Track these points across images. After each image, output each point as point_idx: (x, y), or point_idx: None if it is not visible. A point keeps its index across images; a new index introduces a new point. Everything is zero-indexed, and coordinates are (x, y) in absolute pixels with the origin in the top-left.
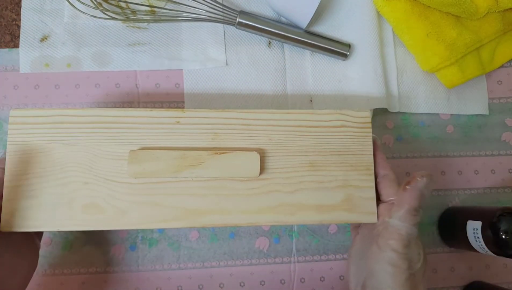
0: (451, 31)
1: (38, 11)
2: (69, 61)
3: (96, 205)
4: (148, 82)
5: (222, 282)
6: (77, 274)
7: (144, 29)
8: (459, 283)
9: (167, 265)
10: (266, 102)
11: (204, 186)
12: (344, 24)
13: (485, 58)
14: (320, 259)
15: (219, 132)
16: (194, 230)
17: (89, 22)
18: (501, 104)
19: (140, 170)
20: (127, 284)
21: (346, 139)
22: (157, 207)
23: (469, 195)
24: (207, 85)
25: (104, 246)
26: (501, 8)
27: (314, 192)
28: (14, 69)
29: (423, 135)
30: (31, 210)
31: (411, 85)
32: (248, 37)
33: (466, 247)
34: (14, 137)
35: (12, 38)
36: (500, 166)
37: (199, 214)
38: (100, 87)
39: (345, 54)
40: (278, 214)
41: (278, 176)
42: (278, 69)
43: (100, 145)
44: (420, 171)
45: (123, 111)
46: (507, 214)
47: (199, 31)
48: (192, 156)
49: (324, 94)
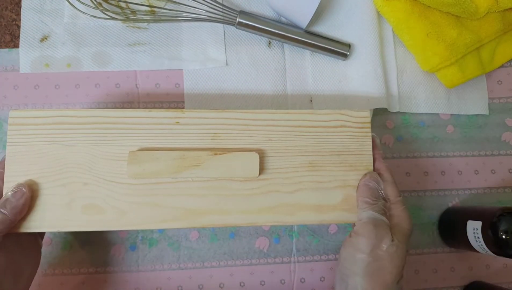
0: (451, 31)
1: (38, 11)
2: (69, 61)
3: (96, 206)
4: (148, 82)
5: (222, 282)
6: (77, 274)
7: (144, 29)
8: (459, 283)
9: (167, 265)
10: (266, 102)
11: (203, 186)
12: (344, 24)
13: (485, 58)
14: (320, 259)
15: (219, 132)
16: (194, 230)
17: (89, 22)
18: (501, 104)
19: (140, 171)
20: (127, 284)
21: (346, 139)
22: (156, 207)
23: (469, 195)
24: (207, 85)
25: (104, 246)
26: (501, 8)
27: (313, 192)
28: (14, 69)
29: (423, 135)
30: (31, 210)
31: (411, 85)
32: (248, 37)
33: (466, 247)
34: (14, 138)
35: (12, 38)
36: (500, 166)
37: (199, 215)
38: (100, 87)
39: (345, 54)
40: (278, 214)
41: (278, 176)
42: (278, 69)
43: (100, 146)
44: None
45: (123, 111)
46: (507, 214)
47: (199, 31)
48: (191, 156)
49: (324, 94)
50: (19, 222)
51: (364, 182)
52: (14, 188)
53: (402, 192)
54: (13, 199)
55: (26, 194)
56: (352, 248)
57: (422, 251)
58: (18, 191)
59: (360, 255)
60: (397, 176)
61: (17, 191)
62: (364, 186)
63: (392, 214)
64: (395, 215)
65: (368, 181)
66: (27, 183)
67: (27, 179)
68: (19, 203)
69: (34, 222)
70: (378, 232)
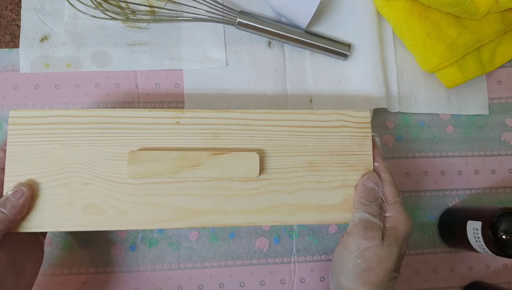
0: (451, 31)
1: (38, 11)
2: (69, 61)
3: (96, 206)
4: (148, 82)
5: (222, 282)
6: (77, 274)
7: (144, 29)
8: (459, 283)
9: (167, 265)
10: (266, 102)
11: (203, 186)
12: (344, 24)
13: (485, 58)
14: (320, 259)
15: (219, 132)
16: (194, 230)
17: (89, 22)
18: (501, 104)
19: (140, 171)
20: (127, 284)
21: (346, 139)
22: (156, 207)
23: (469, 195)
24: (207, 85)
25: (104, 246)
26: (501, 8)
27: (313, 192)
28: (14, 69)
29: (423, 135)
30: (31, 210)
31: (411, 85)
32: (248, 37)
33: (466, 247)
34: (14, 138)
35: (12, 38)
36: (500, 166)
37: (199, 215)
38: (100, 87)
39: (345, 54)
40: (278, 214)
41: (278, 176)
42: (278, 69)
43: (100, 146)
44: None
45: (123, 111)
46: (507, 214)
47: (199, 31)
48: (191, 156)
49: (324, 94)
50: (19, 222)
51: (362, 182)
52: (15, 188)
53: (402, 192)
54: (13, 198)
55: (26, 193)
56: (342, 248)
57: (422, 251)
58: (18, 191)
59: (348, 255)
60: (397, 176)
61: (17, 191)
62: (361, 186)
63: (389, 215)
64: (392, 216)
65: (366, 182)
66: (27, 183)
67: (27, 179)
68: (19, 202)
69: (34, 222)
70: (367, 233)
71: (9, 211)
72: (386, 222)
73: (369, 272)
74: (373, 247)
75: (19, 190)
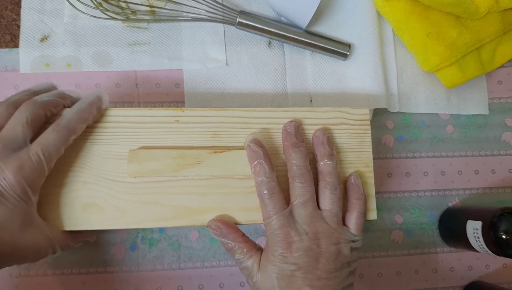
0: (451, 31)
1: (38, 11)
2: (69, 61)
3: (96, 205)
4: (148, 82)
5: (222, 282)
6: (77, 274)
7: (144, 29)
8: (459, 283)
9: (167, 265)
10: (266, 102)
11: (203, 184)
12: (344, 24)
13: (485, 58)
14: None
15: (218, 130)
16: (194, 230)
17: (89, 22)
18: (501, 104)
19: (140, 169)
20: (127, 284)
21: (345, 137)
22: (157, 206)
23: (469, 195)
24: (207, 85)
25: (104, 246)
26: (501, 8)
27: None
28: (14, 69)
29: (423, 135)
30: None
31: (411, 85)
32: (248, 37)
33: (466, 247)
34: None
35: (12, 38)
36: (500, 166)
37: (199, 213)
38: (100, 87)
39: (345, 54)
40: None
41: (278, 174)
42: (278, 69)
43: (100, 145)
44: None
45: (122, 110)
46: (507, 214)
47: (199, 31)
48: (191, 155)
49: (324, 94)
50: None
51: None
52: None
53: (402, 192)
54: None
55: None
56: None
57: (422, 251)
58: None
59: (266, 254)
60: (397, 176)
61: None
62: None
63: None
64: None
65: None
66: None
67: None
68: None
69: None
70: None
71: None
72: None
73: (279, 261)
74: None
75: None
